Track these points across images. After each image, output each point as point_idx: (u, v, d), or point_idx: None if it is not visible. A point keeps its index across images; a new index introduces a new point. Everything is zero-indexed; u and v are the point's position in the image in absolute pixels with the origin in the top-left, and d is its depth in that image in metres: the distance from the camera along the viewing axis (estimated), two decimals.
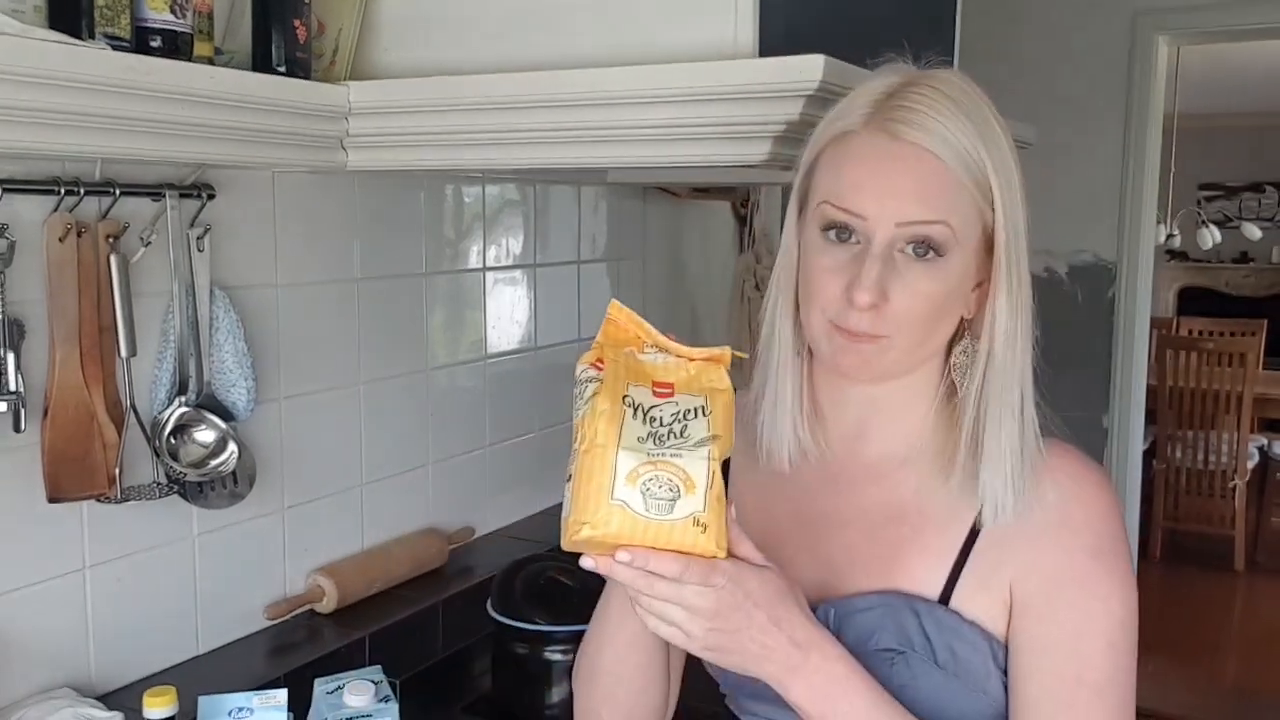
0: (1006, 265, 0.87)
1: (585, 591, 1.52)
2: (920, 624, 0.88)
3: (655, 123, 1.12)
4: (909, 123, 0.84)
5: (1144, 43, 3.43)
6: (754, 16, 1.10)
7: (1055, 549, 0.88)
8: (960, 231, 0.85)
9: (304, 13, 1.23)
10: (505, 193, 1.87)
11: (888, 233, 0.85)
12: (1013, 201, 0.86)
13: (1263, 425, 5.28)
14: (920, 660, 0.88)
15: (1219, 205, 8.03)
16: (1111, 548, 0.89)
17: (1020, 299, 0.87)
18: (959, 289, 0.88)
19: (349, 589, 1.52)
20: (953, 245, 0.85)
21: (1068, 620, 0.87)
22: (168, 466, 1.26)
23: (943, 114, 0.84)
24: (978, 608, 0.89)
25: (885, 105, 0.86)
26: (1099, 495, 0.90)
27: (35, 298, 1.15)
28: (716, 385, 0.80)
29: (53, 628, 1.22)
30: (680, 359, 0.82)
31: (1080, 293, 3.56)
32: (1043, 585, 0.88)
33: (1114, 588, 0.88)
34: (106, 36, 1.04)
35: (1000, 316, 0.87)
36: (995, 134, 0.86)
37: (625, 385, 0.79)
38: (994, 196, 0.85)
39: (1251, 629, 4.32)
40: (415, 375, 1.70)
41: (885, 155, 0.85)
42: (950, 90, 0.86)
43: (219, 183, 1.31)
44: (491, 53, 1.24)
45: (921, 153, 0.84)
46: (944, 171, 0.84)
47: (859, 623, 0.90)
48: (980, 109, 0.86)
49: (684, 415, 0.78)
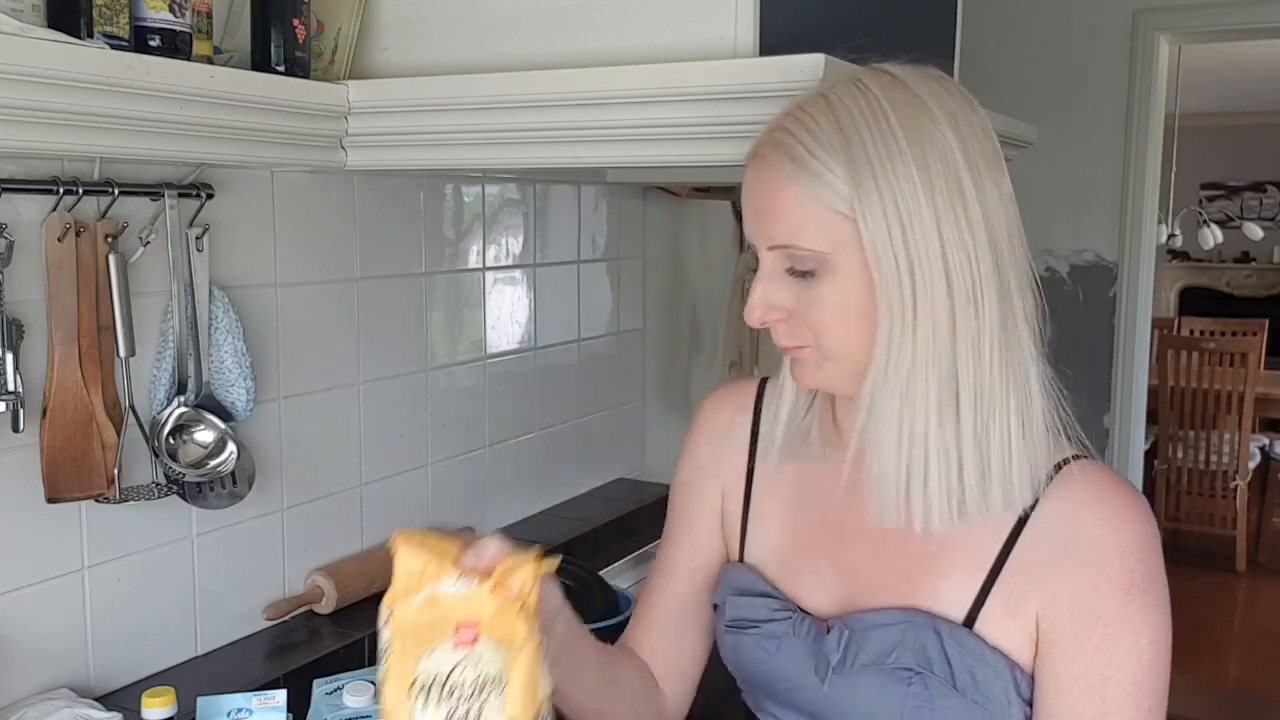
0: (885, 295, 0.81)
1: (584, 592, 1.52)
2: (942, 645, 0.86)
3: (655, 122, 1.12)
4: (769, 143, 0.84)
5: (1145, 41, 3.42)
6: (754, 16, 1.10)
7: (1085, 582, 0.84)
8: (827, 253, 0.82)
9: (303, 12, 1.23)
10: (505, 192, 1.87)
11: (766, 254, 0.85)
12: (894, 222, 0.79)
13: (1264, 425, 5.28)
14: (938, 682, 0.85)
15: (1220, 205, 8.03)
16: (1145, 584, 0.84)
17: (902, 336, 0.81)
18: (854, 304, 0.83)
19: (348, 589, 1.52)
20: (821, 266, 0.82)
21: (1093, 660, 0.84)
22: (167, 467, 1.26)
23: (806, 133, 0.82)
24: (1002, 634, 0.86)
25: (771, 125, 0.86)
26: (1135, 527, 0.85)
27: (34, 297, 1.15)
28: (515, 638, 0.70)
29: (51, 628, 1.21)
30: (483, 586, 0.71)
31: (1081, 292, 3.56)
32: (1070, 621, 0.84)
33: (1144, 626, 0.84)
34: (105, 35, 1.04)
35: (878, 352, 0.82)
36: (876, 150, 0.80)
37: (416, 660, 0.70)
38: (858, 218, 0.80)
39: (1253, 629, 4.32)
40: (415, 375, 1.69)
41: (752, 178, 0.86)
42: (839, 102, 0.82)
43: (218, 182, 1.31)
44: (491, 52, 1.24)
45: (772, 174, 0.83)
46: (793, 194, 0.82)
47: (878, 638, 0.88)
48: (860, 126, 0.80)
49: (482, 688, 0.70)
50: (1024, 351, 0.84)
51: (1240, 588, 4.68)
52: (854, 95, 0.82)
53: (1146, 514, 0.86)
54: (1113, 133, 3.48)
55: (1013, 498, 0.85)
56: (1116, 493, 0.86)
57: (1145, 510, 0.86)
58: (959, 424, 0.83)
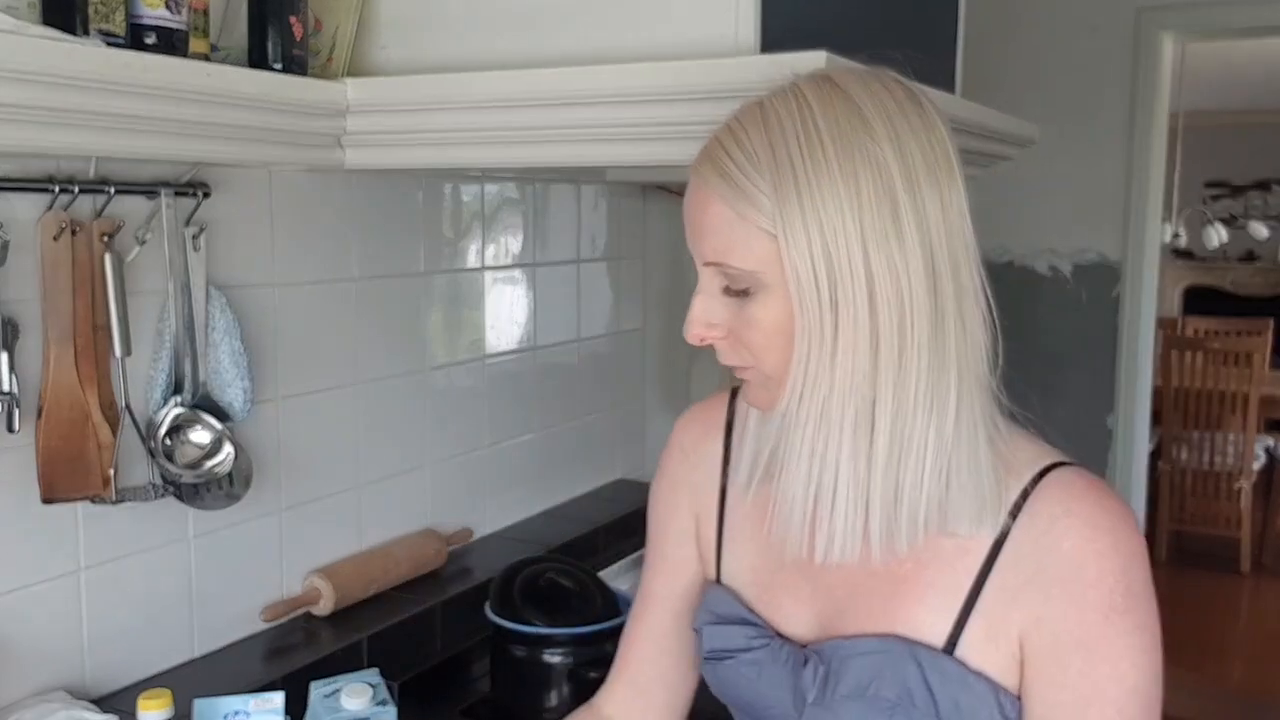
0: (803, 317, 0.77)
1: (584, 594, 1.51)
2: (923, 676, 0.83)
3: (656, 121, 1.11)
4: (704, 156, 0.81)
5: (1149, 40, 3.41)
6: (755, 14, 1.10)
7: (1066, 605, 0.81)
8: (757, 272, 0.79)
9: (300, 9, 1.22)
10: (504, 191, 1.86)
11: (703, 270, 0.83)
12: (816, 241, 0.76)
13: (1269, 426, 5.25)
14: (921, 715, 0.83)
15: (1225, 204, 8.00)
16: (1127, 605, 0.80)
17: (819, 360, 0.78)
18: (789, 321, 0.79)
19: (346, 591, 1.51)
20: (754, 285, 0.80)
21: (1077, 686, 0.81)
22: (163, 467, 1.26)
23: (737, 146, 0.79)
24: (985, 658, 0.83)
25: (711, 134, 0.83)
26: (1117, 546, 0.81)
27: (29, 297, 1.14)
28: None
29: (47, 630, 1.21)
30: None
31: (1085, 292, 3.54)
32: (1052, 644, 0.81)
33: (1126, 650, 0.80)
34: (101, 33, 1.04)
35: (794, 375, 0.79)
36: (808, 165, 0.76)
37: None
38: (779, 236, 0.77)
39: (1258, 631, 4.31)
40: (413, 375, 1.69)
41: (689, 191, 0.83)
42: (773, 112, 0.79)
43: (215, 181, 1.30)
44: (490, 50, 1.24)
45: (703, 188, 0.81)
46: (721, 211, 0.79)
47: (857, 668, 0.85)
48: (804, 132, 0.77)
49: None
50: (954, 373, 0.79)
51: (1245, 589, 4.67)
52: (788, 106, 0.79)
53: (1130, 528, 0.82)
54: (1116, 131, 3.47)
55: (929, 528, 0.82)
56: (1097, 507, 0.82)
57: (1129, 523, 0.82)
58: (872, 451, 0.79)
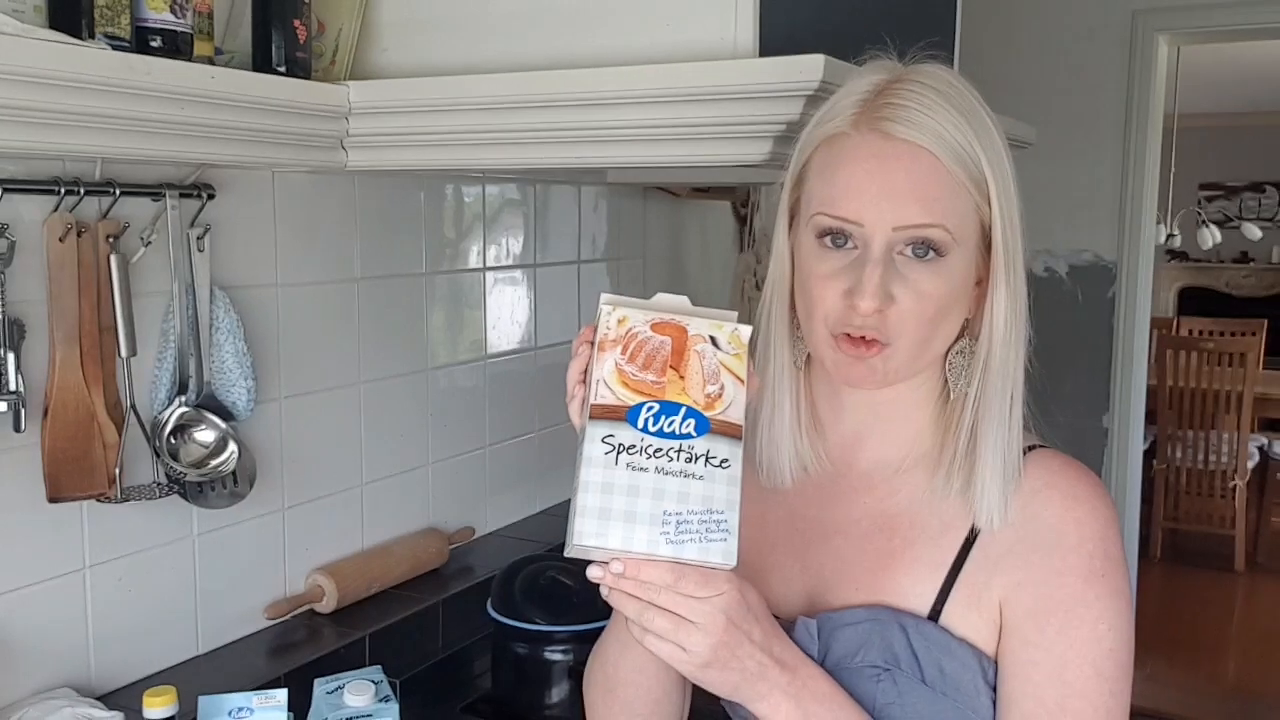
0: (1005, 262, 0.85)
1: (585, 591, 1.52)
2: (908, 640, 0.86)
3: (655, 123, 1.12)
4: (901, 120, 0.82)
5: (1144, 42, 3.42)
6: (754, 16, 1.10)
7: (1046, 570, 0.85)
8: (958, 231, 0.83)
9: (304, 13, 1.23)
10: (505, 192, 1.87)
11: (885, 237, 0.82)
12: (1008, 196, 0.84)
13: (1263, 425, 5.28)
14: (907, 678, 0.86)
15: (1219, 205, 8.03)
16: (1104, 569, 0.85)
17: (1018, 296, 0.85)
18: (962, 287, 0.85)
19: (349, 589, 1.52)
20: (951, 245, 0.83)
21: (1054, 646, 0.84)
22: (168, 466, 1.26)
23: (934, 109, 0.82)
24: (968, 625, 0.86)
25: (874, 104, 0.84)
26: (1095, 514, 0.86)
27: (35, 298, 1.15)
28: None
29: (53, 627, 1.22)
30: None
31: (1080, 292, 3.55)
32: (1031, 608, 0.85)
33: (1104, 612, 0.84)
34: (106, 36, 1.04)
35: (999, 315, 0.85)
36: (987, 128, 0.83)
37: None
38: (990, 192, 0.83)
39: (1252, 629, 4.32)
40: (415, 375, 1.70)
41: (878, 155, 0.82)
42: (939, 84, 0.83)
43: (219, 182, 1.31)
44: (491, 53, 1.24)
45: (916, 150, 0.82)
46: (939, 169, 0.82)
47: (845, 637, 0.88)
48: (970, 103, 0.83)
49: None
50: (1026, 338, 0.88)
51: (1239, 587, 4.68)
52: (938, 79, 0.84)
53: (1105, 500, 0.87)
54: (1112, 133, 3.48)
55: None
56: (1075, 480, 0.87)
57: (1104, 496, 0.87)
58: (1012, 415, 0.86)
